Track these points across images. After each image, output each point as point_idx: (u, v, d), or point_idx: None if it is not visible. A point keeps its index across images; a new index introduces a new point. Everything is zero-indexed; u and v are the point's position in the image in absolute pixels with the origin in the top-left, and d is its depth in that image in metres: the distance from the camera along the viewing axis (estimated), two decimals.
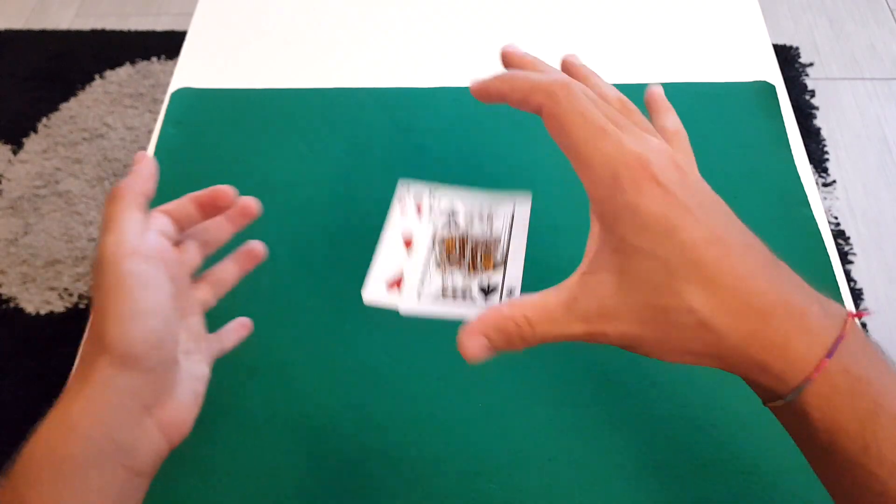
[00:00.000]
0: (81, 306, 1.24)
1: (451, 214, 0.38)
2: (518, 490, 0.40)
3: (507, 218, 0.38)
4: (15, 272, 1.29)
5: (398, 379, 0.44)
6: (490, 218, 0.38)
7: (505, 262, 0.36)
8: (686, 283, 0.24)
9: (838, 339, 0.24)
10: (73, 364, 0.46)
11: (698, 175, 0.30)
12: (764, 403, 0.27)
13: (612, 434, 0.42)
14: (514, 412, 0.43)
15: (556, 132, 0.29)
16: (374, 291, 0.36)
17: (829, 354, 0.23)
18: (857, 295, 1.20)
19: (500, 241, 0.37)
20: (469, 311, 0.34)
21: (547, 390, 0.43)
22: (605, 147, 0.27)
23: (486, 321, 0.28)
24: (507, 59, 0.36)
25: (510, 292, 0.35)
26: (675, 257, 0.24)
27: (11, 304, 1.25)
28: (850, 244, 1.26)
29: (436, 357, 0.45)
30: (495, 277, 0.36)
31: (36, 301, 1.26)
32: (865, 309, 0.26)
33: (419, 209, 0.38)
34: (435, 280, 0.36)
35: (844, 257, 1.24)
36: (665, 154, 0.27)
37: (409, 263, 0.37)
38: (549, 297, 0.27)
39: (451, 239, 0.37)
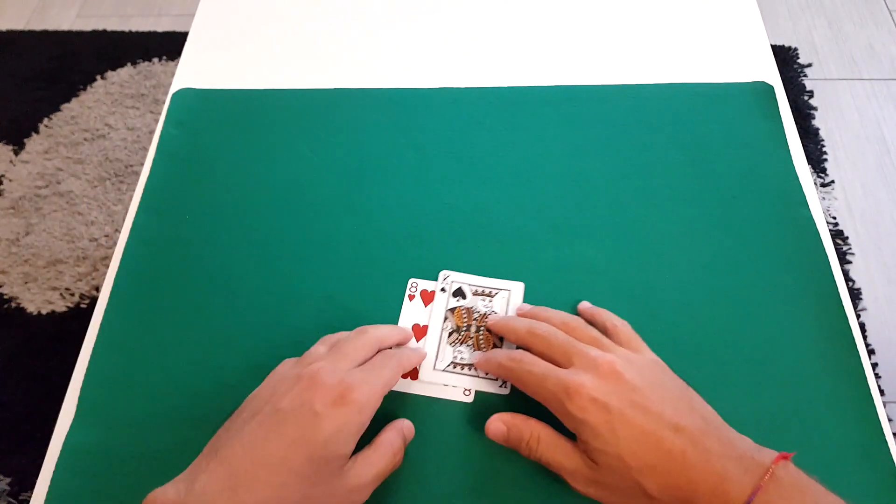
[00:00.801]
0: (83, 306, 1.25)
1: (460, 290, 0.47)
2: (518, 490, 0.41)
3: (505, 299, 0.47)
4: (16, 272, 1.30)
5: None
6: (490, 296, 0.47)
7: (502, 343, 0.45)
8: (635, 470, 0.34)
9: (754, 492, 0.31)
10: (74, 363, 0.47)
11: (641, 361, 0.38)
12: None
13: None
14: (513, 411, 0.43)
15: (523, 388, 0.40)
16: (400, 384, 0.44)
17: None
18: (855, 295, 1.20)
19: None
20: (473, 383, 0.43)
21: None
22: (548, 386, 0.37)
23: (513, 419, 0.39)
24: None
25: None
26: (623, 452, 0.34)
27: (13, 304, 1.26)
28: (849, 244, 1.26)
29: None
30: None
31: (37, 301, 1.26)
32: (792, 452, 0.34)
33: (425, 301, 0.47)
34: (447, 355, 0.44)
35: (843, 257, 1.24)
36: (600, 368, 0.36)
37: (425, 345, 0.45)
38: (561, 441, 0.38)
39: (460, 308, 0.46)
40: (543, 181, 0.53)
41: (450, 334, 0.45)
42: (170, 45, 1.64)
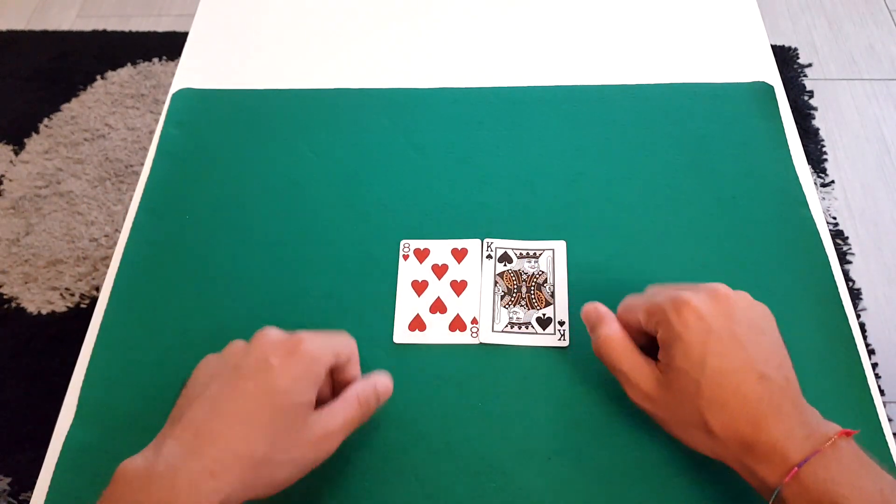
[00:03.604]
0: (83, 306, 1.25)
1: (506, 254, 0.49)
2: (518, 489, 0.40)
3: (550, 260, 0.49)
4: (17, 272, 1.30)
5: (397, 378, 0.45)
6: (535, 257, 0.49)
7: (553, 299, 0.47)
8: (706, 401, 0.34)
9: (812, 453, 0.32)
10: (74, 363, 0.47)
11: (752, 303, 0.38)
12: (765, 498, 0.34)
13: (611, 433, 0.42)
14: (513, 411, 0.43)
15: (631, 313, 0.40)
16: (401, 335, 0.46)
17: (800, 465, 0.32)
18: (855, 295, 1.20)
19: (546, 278, 0.48)
20: (532, 340, 0.46)
21: (546, 390, 0.44)
22: (659, 298, 0.38)
23: (602, 311, 0.41)
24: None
25: (561, 323, 0.46)
26: (704, 380, 0.34)
27: (13, 304, 1.26)
28: (849, 244, 1.26)
29: (435, 358, 0.45)
30: (548, 312, 0.47)
31: (37, 301, 1.26)
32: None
33: (420, 258, 0.49)
34: (503, 316, 0.46)
35: (843, 257, 1.24)
36: (715, 291, 0.37)
37: (420, 303, 0.47)
38: (633, 351, 0.39)
39: (508, 272, 0.48)
40: (543, 181, 0.53)
41: (502, 297, 0.47)
42: (170, 45, 1.64)
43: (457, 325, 0.46)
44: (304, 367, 0.36)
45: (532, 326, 0.46)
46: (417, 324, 0.47)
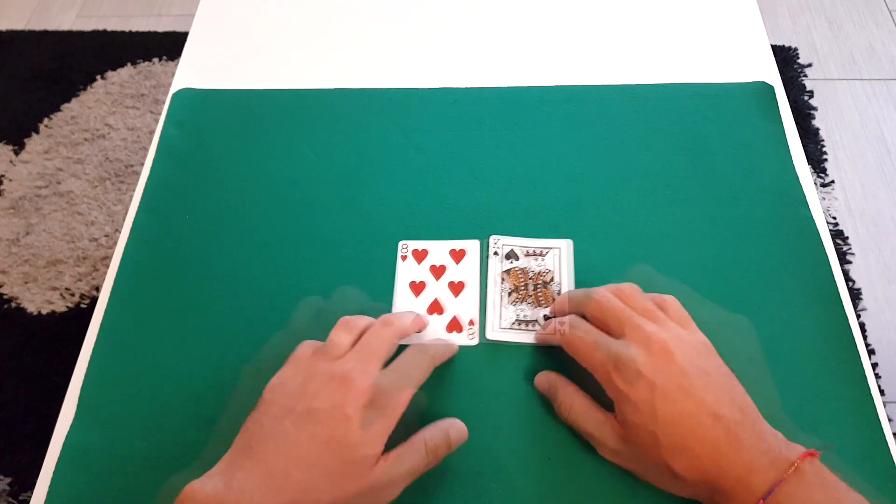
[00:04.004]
0: (83, 306, 1.25)
1: (512, 252, 0.49)
2: (518, 490, 0.40)
3: (556, 258, 0.48)
4: (16, 272, 1.30)
5: None
6: (542, 255, 0.49)
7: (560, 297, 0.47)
8: (665, 449, 0.35)
9: (775, 483, 0.33)
10: (74, 363, 0.47)
11: (692, 342, 0.38)
12: None
13: None
14: (513, 412, 0.43)
15: (573, 354, 0.41)
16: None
17: (765, 497, 0.33)
18: (855, 295, 1.20)
19: (552, 277, 0.48)
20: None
21: (538, 395, 0.44)
22: (597, 355, 0.38)
23: (557, 380, 0.42)
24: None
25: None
26: (658, 430, 0.35)
27: (13, 304, 1.26)
28: (849, 244, 1.26)
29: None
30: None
31: (37, 301, 1.26)
32: (826, 445, 0.35)
33: (418, 259, 0.49)
34: (509, 314, 0.46)
35: (843, 257, 1.24)
36: (653, 346, 0.37)
37: (418, 303, 0.47)
38: (593, 411, 0.39)
39: (515, 269, 0.48)
40: (543, 181, 0.53)
41: (509, 294, 0.47)
42: (170, 45, 1.64)
43: (454, 326, 0.46)
44: (381, 421, 0.36)
45: (539, 324, 0.46)
46: None
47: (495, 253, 0.49)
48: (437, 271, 0.49)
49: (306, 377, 0.37)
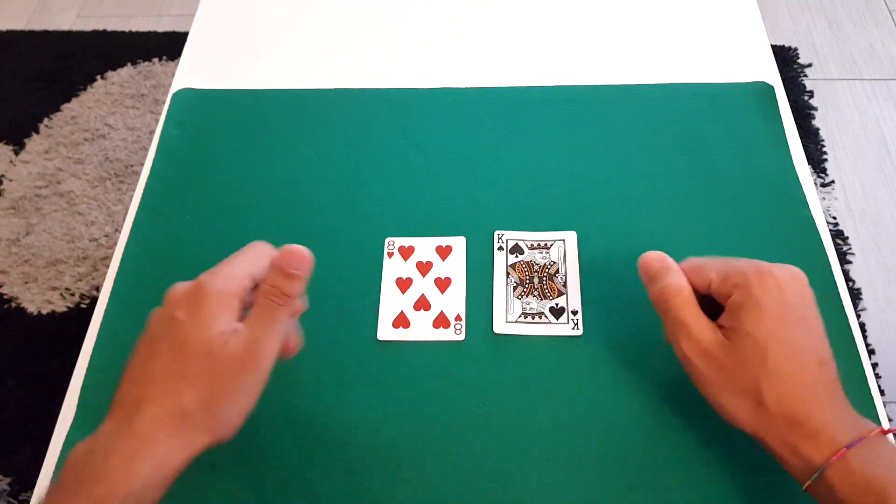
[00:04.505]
0: (83, 306, 1.25)
1: (517, 246, 0.49)
2: (518, 490, 0.40)
3: (561, 250, 0.49)
4: (17, 272, 1.30)
5: (398, 378, 0.45)
6: (547, 248, 0.49)
7: (566, 289, 0.47)
8: (766, 371, 0.34)
9: (860, 439, 0.32)
10: (74, 363, 0.47)
11: (814, 297, 0.38)
12: (801, 485, 0.34)
13: (611, 434, 0.42)
14: (513, 412, 0.43)
15: (706, 274, 0.39)
16: (385, 332, 0.46)
17: (849, 447, 0.32)
18: (855, 295, 1.20)
19: (558, 269, 0.48)
20: (546, 330, 0.46)
21: (546, 390, 0.44)
22: (741, 264, 0.38)
23: (669, 260, 0.40)
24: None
25: (574, 312, 0.46)
26: (770, 349, 0.34)
27: (13, 304, 1.26)
28: (849, 244, 1.26)
29: (435, 356, 0.45)
30: (561, 301, 0.47)
31: (38, 301, 1.26)
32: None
33: (404, 255, 0.49)
34: (516, 307, 0.47)
35: (843, 257, 1.24)
36: (796, 273, 0.37)
37: (405, 300, 0.47)
38: (698, 307, 0.38)
39: (520, 263, 0.48)
40: (543, 181, 0.53)
41: (515, 288, 0.47)
42: (170, 45, 1.64)
43: (440, 322, 0.46)
44: (210, 306, 0.35)
45: (545, 316, 0.46)
46: (401, 321, 0.47)
47: (500, 248, 0.49)
48: (424, 268, 0.49)
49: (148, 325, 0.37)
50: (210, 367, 0.34)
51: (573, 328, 0.46)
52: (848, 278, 1.22)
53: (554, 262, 0.48)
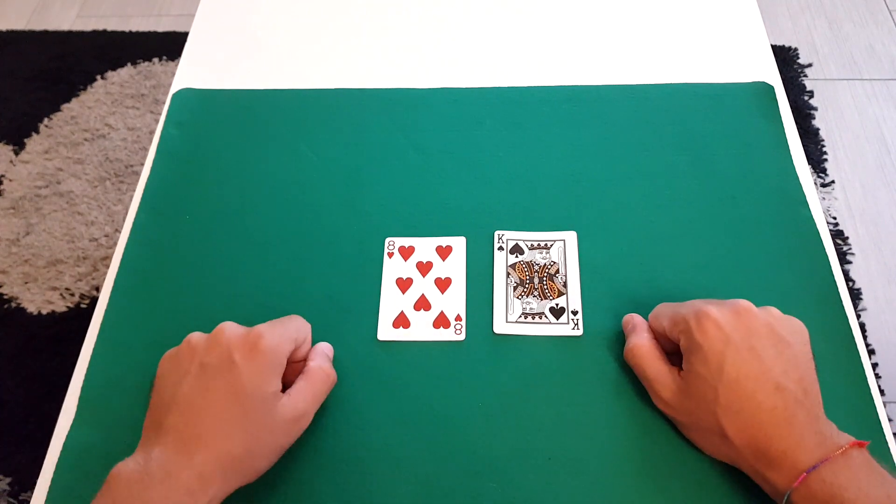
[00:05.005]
0: (83, 306, 1.25)
1: (517, 246, 0.49)
2: (518, 490, 0.41)
3: (561, 250, 0.49)
4: (17, 272, 1.30)
5: (398, 378, 0.45)
6: (547, 248, 0.49)
7: (566, 289, 0.47)
8: (722, 407, 0.36)
9: (822, 461, 0.33)
10: (74, 363, 0.47)
11: (781, 317, 0.39)
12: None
13: (611, 433, 0.42)
14: (513, 412, 0.43)
15: (661, 320, 0.42)
16: (385, 332, 0.46)
17: (808, 471, 0.33)
18: (855, 295, 1.20)
19: (558, 269, 0.48)
20: (546, 330, 0.46)
21: (546, 390, 0.44)
22: (683, 310, 0.40)
23: (640, 323, 0.43)
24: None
25: (574, 312, 0.46)
26: (720, 386, 0.36)
27: (13, 304, 1.26)
28: (849, 244, 1.26)
29: (435, 356, 0.45)
30: (561, 302, 0.47)
31: (37, 301, 1.26)
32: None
33: (404, 256, 0.49)
34: (516, 307, 0.47)
35: (843, 257, 1.24)
36: (736, 305, 0.38)
37: (405, 300, 0.47)
38: (660, 360, 0.41)
39: (520, 263, 0.48)
40: (544, 181, 0.53)
41: (515, 288, 0.47)
42: (170, 45, 1.64)
43: (441, 322, 0.46)
44: (267, 361, 0.37)
45: (546, 316, 0.46)
46: (402, 321, 0.47)
47: (500, 248, 0.49)
48: (424, 268, 0.49)
49: (190, 346, 0.39)
50: (264, 422, 0.36)
51: (573, 328, 0.46)
52: (848, 278, 1.22)
53: (554, 262, 0.48)
